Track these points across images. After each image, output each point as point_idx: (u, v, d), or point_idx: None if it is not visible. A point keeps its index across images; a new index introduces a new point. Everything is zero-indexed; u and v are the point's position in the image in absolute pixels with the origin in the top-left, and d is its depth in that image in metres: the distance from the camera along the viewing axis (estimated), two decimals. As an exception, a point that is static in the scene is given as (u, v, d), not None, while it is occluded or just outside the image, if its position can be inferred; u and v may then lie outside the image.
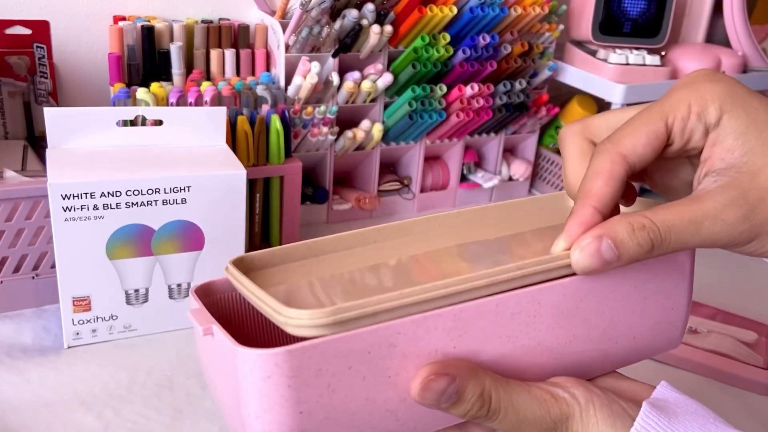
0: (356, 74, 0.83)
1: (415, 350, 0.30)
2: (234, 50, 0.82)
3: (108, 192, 0.57)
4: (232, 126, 0.71)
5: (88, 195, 0.57)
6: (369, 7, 0.79)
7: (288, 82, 0.81)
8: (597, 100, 1.01)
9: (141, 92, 0.71)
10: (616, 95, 0.92)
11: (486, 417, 0.31)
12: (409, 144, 0.93)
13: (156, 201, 0.59)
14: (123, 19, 0.81)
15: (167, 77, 0.78)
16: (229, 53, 0.81)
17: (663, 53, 0.99)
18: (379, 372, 0.29)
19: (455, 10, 0.83)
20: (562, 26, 0.96)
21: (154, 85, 0.73)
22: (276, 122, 0.74)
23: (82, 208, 0.57)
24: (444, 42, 0.85)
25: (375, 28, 0.80)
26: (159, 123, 0.65)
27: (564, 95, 1.06)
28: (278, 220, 0.79)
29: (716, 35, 1.10)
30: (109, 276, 0.60)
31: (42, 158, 0.74)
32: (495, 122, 0.95)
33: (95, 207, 0.57)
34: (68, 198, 0.56)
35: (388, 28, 0.81)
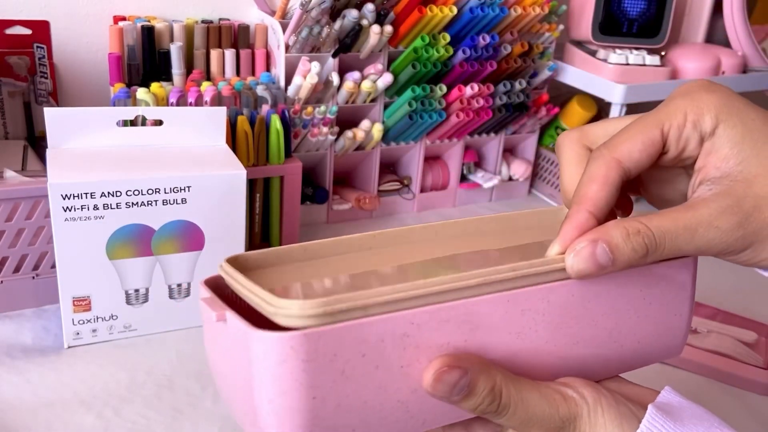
0: (356, 74, 0.83)
1: (428, 342, 0.30)
2: (234, 50, 0.82)
3: (108, 192, 0.57)
4: (232, 126, 0.71)
5: (88, 195, 0.57)
6: (369, 7, 0.79)
7: (288, 82, 0.81)
8: (597, 100, 1.01)
9: (141, 92, 0.71)
10: (616, 95, 0.92)
11: (495, 412, 0.31)
12: (409, 144, 0.93)
13: (156, 201, 0.59)
14: (123, 19, 0.81)
15: (167, 77, 0.78)
16: (229, 53, 0.81)
17: (663, 53, 0.99)
18: (392, 361, 0.29)
19: (455, 10, 0.83)
20: (562, 26, 0.96)
21: (154, 85, 0.73)
22: (276, 122, 0.74)
23: (82, 208, 0.57)
24: (444, 42, 0.85)
25: (375, 28, 0.80)
26: (159, 123, 0.65)
27: (564, 95, 1.06)
28: (278, 220, 0.79)
29: (716, 35, 1.10)
30: (109, 276, 0.60)
31: (42, 158, 0.74)
32: (495, 122, 0.95)
33: (95, 207, 0.57)
34: (68, 198, 0.56)
35: (388, 28, 0.81)
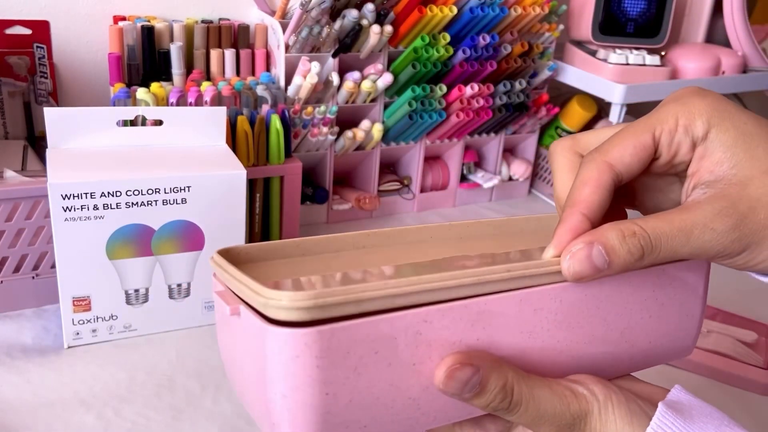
0: (356, 74, 0.83)
1: (440, 339, 0.30)
2: (234, 50, 0.82)
3: (108, 192, 0.57)
4: (232, 126, 0.71)
5: (88, 195, 0.57)
6: (369, 7, 0.79)
7: (288, 82, 0.81)
8: (597, 100, 1.01)
9: (141, 92, 0.71)
10: (616, 95, 0.92)
11: (507, 410, 0.31)
12: (409, 144, 0.93)
13: (156, 201, 0.59)
14: (123, 19, 0.81)
15: (167, 77, 0.78)
16: (229, 53, 0.81)
17: (663, 53, 0.99)
18: (404, 359, 0.30)
19: (455, 10, 0.83)
20: (562, 26, 0.96)
21: (154, 85, 0.73)
22: (276, 122, 0.74)
23: (82, 208, 0.57)
24: (444, 42, 0.85)
25: (375, 28, 0.80)
26: (159, 123, 0.65)
27: (564, 95, 1.06)
28: (278, 220, 0.79)
29: (716, 35, 1.10)
30: (109, 276, 0.60)
31: (42, 158, 0.74)
32: (495, 122, 0.95)
33: (95, 207, 0.57)
34: (68, 198, 0.56)
35: (388, 28, 0.81)
